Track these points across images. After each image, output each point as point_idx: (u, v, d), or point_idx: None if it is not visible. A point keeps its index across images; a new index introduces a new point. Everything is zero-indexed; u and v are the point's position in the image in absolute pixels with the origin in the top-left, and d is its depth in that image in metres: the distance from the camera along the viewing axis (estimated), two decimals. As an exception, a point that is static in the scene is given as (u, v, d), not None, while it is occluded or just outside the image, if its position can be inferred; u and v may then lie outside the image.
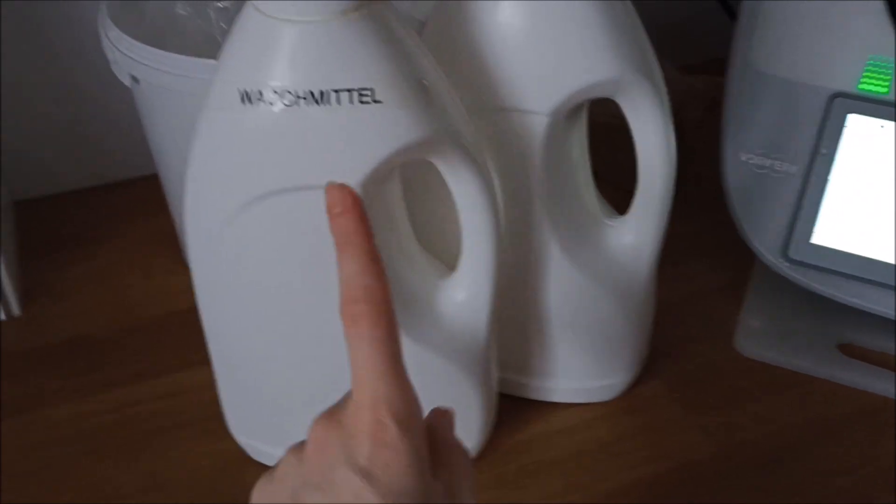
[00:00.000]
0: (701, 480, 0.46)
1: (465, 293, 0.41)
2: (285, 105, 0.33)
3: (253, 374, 0.43)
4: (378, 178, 0.36)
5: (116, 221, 0.64)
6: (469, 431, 0.45)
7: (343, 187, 0.29)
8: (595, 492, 0.45)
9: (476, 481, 0.31)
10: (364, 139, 0.34)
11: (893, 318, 0.50)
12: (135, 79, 0.48)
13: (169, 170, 0.54)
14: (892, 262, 0.49)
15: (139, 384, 0.51)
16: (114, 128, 0.64)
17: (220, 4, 0.45)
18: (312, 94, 0.33)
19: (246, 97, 0.33)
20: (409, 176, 0.40)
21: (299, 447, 0.29)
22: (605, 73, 0.39)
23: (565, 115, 0.41)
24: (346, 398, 0.29)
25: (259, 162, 0.35)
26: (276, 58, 0.32)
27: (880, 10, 0.50)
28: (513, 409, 0.49)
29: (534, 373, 0.49)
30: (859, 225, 0.50)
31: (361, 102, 0.33)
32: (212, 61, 0.44)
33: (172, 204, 0.57)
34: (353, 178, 0.34)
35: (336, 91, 0.33)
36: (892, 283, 0.49)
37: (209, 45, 0.47)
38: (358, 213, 0.29)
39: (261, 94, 0.33)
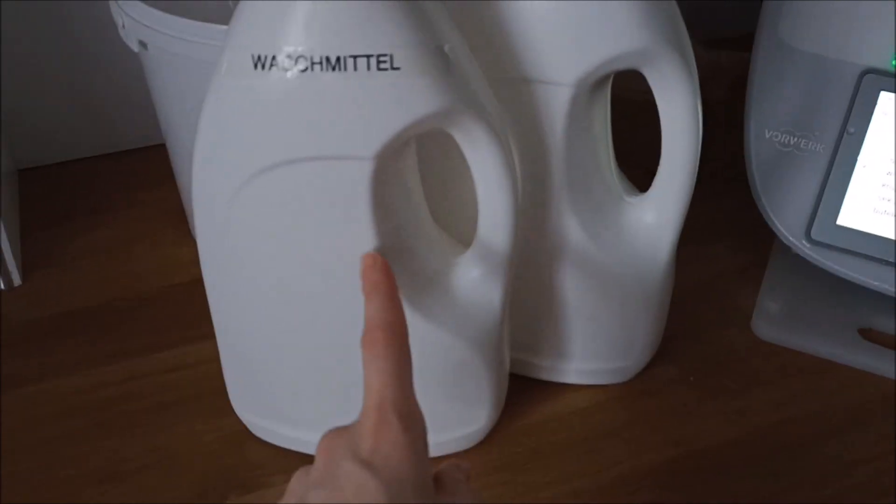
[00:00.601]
0: (715, 467, 0.45)
1: (480, 270, 0.40)
2: (300, 71, 0.32)
3: (257, 351, 0.42)
4: (394, 149, 0.34)
5: (122, 191, 0.63)
6: (480, 410, 0.44)
7: (375, 255, 0.34)
8: (605, 477, 0.44)
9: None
10: (382, 107, 0.32)
11: (918, 303, 0.49)
12: (143, 45, 0.46)
13: (176, 139, 0.53)
14: (919, 245, 0.48)
15: (144, 358, 0.50)
16: (121, 96, 0.63)
17: (231, -32, 0.43)
18: (328, 59, 0.31)
19: (259, 62, 0.32)
20: (425, 148, 0.39)
21: (307, 465, 0.30)
22: (633, 43, 0.37)
23: (590, 88, 0.39)
24: (355, 422, 0.30)
25: (272, 130, 0.33)
26: (292, 22, 0.31)
27: (916, -16, 0.49)
28: (524, 389, 0.48)
29: (546, 353, 0.48)
30: (888, 206, 0.49)
31: (379, 69, 0.31)
32: (224, 27, 0.43)
33: (179, 174, 0.56)
34: (370, 147, 0.33)
35: (353, 57, 0.31)
36: (918, 268, 0.48)
37: (221, 12, 0.45)
38: (385, 268, 0.33)
39: (275, 59, 0.32)
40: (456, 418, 0.44)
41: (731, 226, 0.58)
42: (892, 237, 0.49)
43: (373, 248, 0.36)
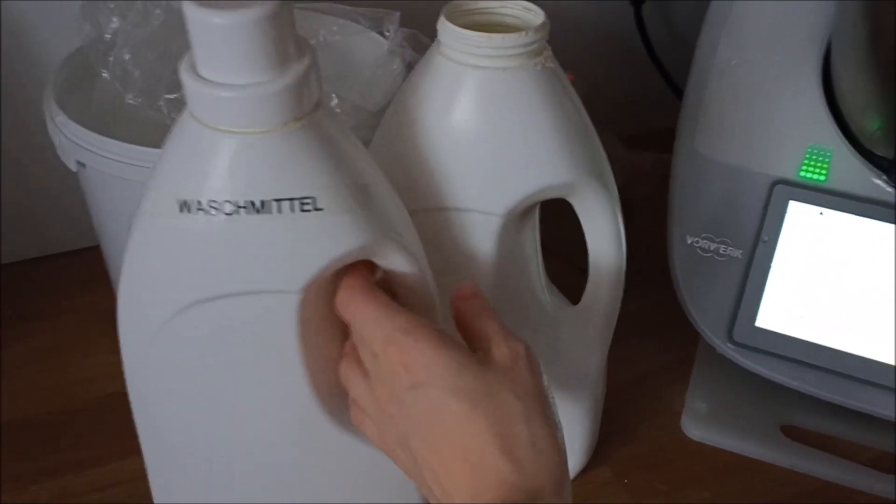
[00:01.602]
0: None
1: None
2: (226, 214, 0.32)
3: (185, 473, 0.41)
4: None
5: (54, 296, 0.62)
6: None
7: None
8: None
9: (506, 328, 0.35)
10: (306, 246, 0.33)
11: (835, 401, 0.51)
12: (81, 164, 0.47)
13: (113, 250, 0.53)
14: (833, 346, 0.51)
15: (76, 475, 0.49)
16: (57, 205, 0.63)
17: (170, 96, 0.44)
18: (253, 203, 0.32)
19: (185, 206, 0.32)
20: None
21: None
22: (558, 177, 0.39)
23: (519, 215, 0.41)
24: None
25: (198, 269, 0.34)
26: (216, 168, 0.32)
27: (819, 101, 0.52)
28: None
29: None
30: (801, 309, 0.52)
31: (303, 211, 0.33)
32: (160, 150, 0.44)
33: (115, 281, 0.56)
34: (297, 282, 0.34)
35: (277, 200, 0.32)
36: (833, 368, 0.51)
37: (160, 134, 0.46)
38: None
39: (200, 203, 0.32)
40: None
41: (660, 323, 0.60)
42: (807, 339, 0.51)
43: (301, 377, 0.37)
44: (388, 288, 0.37)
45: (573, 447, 0.49)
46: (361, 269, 0.36)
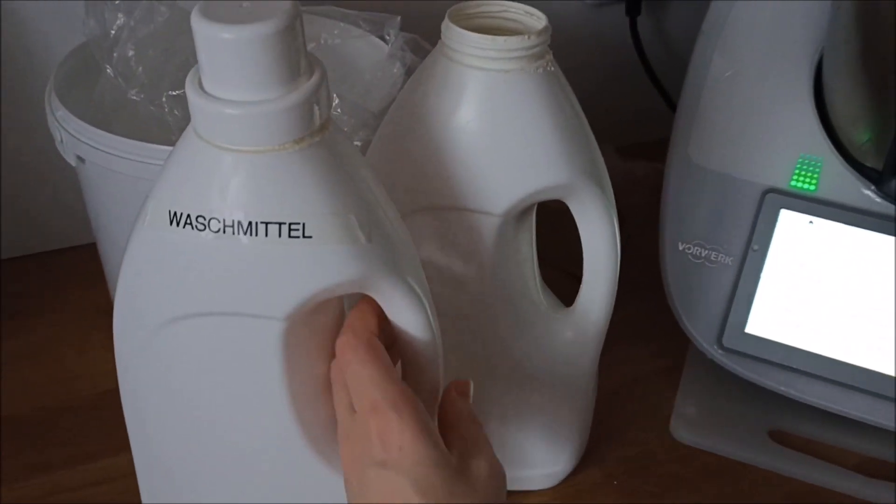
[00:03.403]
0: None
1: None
2: (213, 232, 0.32)
3: (173, 479, 0.41)
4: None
5: (50, 293, 0.62)
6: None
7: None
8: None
9: (490, 445, 0.34)
10: (294, 273, 0.32)
11: (822, 407, 0.52)
12: (80, 159, 0.47)
13: (109, 247, 0.53)
14: (822, 353, 0.51)
15: (71, 469, 0.49)
16: (54, 200, 0.63)
17: (173, 93, 0.45)
18: (241, 224, 0.31)
19: (175, 219, 0.32)
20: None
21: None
22: (557, 178, 0.40)
23: (516, 216, 0.42)
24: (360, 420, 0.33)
25: (187, 283, 0.33)
26: (207, 184, 0.31)
27: (810, 111, 0.53)
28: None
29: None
30: (790, 316, 0.52)
31: (291, 237, 0.32)
32: (161, 147, 0.44)
33: (111, 276, 0.56)
34: (282, 309, 0.33)
35: (266, 223, 0.31)
36: (821, 374, 0.51)
37: (162, 130, 0.46)
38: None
39: (189, 218, 0.32)
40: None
41: (651, 328, 0.61)
42: (796, 345, 0.52)
43: (284, 405, 0.36)
44: (391, 332, 0.36)
45: (564, 448, 0.50)
46: (369, 313, 0.34)
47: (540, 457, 0.49)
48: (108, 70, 0.46)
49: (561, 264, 0.52)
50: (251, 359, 0.35)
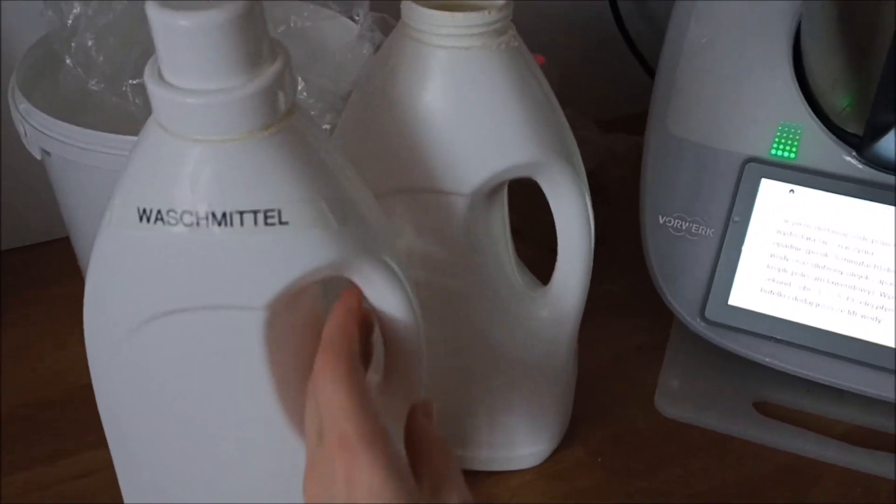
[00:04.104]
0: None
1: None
2: (185, 226, 0.31)
3: (154, 479, 0.40)
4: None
5: (28, 288, 0.62)
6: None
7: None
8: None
9: (461, 474, 0.33)
10: (270, 262, 0.32)
11: (806, 376, 0.51)
12: (46, 152, 0.46)
13: (82, 240, 0.52)
14: (805, 322, 0.51)
15: (49, 465, 0.49)
16: (28, 195, 0.62)
17: (134, 81, 0.44)
18: (214, 215, 0.31)
19: (144, 216, 0.31)
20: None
21: None
22: (524, 156, 0.39)
23: (486, 195, 0.41)
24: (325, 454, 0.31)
25: (160, 280, 0.33)
26: (176, 177, 0.30)
27: (789, 78, 0.53)
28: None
29: (457, 443, 0.49)
30: (773, 287, 0.52)
31: (267, 224, 0.31)
32: (125, 137, 0.43)
33: (85, 271, 0.56)
34: (261, 298, 0.32)
35: (240, 213, 0.31)
36: (805, 344, 0.51)
37: (126, 121, 0.46)
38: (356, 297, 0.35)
39: (159, 213, 0.31)
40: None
41: (634, 303, 0.61)
42: (779, 316, 0.52)
43: (269, 395, 0.35)
44: (371, 323, 0.36)
45: (546, 427, 0.49)
46: (349, 320, 0.33)
47: (521, 436, 0.49)
48: (67, 61, 0.46)
49: (541, 240, 0.52)
50: (233, 351, 0.34)
